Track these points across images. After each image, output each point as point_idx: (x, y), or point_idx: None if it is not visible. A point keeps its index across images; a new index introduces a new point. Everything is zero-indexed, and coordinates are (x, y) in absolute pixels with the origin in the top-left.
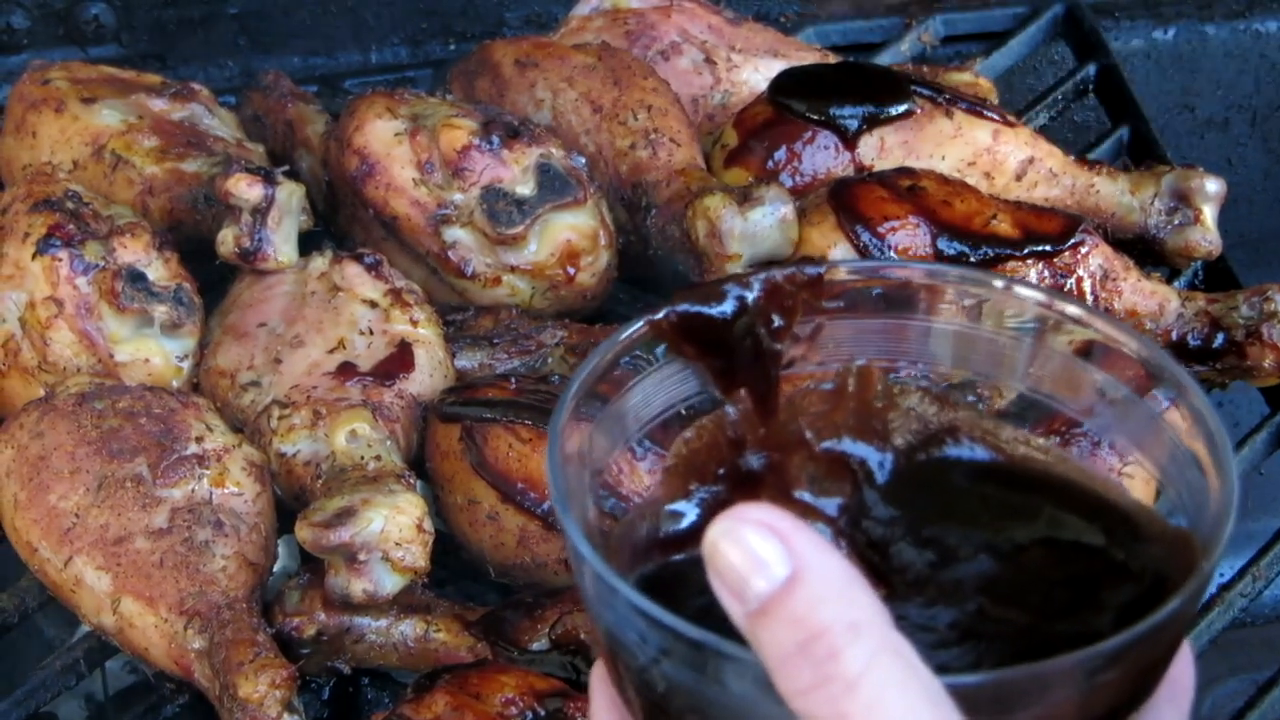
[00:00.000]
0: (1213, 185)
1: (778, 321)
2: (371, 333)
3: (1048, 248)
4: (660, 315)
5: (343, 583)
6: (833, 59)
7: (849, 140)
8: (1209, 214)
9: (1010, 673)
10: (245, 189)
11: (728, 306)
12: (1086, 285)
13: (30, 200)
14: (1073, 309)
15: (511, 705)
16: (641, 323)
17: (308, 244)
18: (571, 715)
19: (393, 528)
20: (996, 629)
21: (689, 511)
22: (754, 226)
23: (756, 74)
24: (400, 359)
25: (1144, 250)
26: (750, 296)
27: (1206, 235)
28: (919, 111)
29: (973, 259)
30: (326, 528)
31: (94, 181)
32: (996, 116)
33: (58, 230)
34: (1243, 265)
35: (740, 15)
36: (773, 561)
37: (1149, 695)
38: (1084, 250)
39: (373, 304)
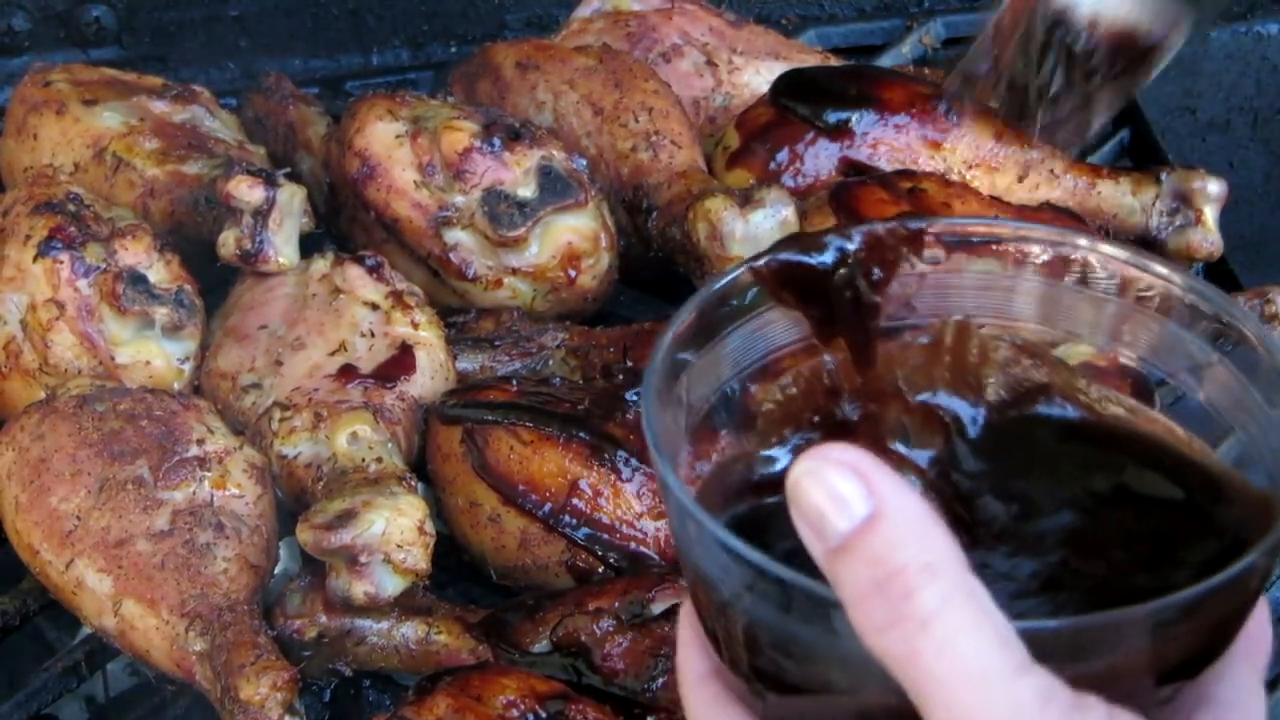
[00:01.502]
0: (1214, 187)
1: (877, 274)
2: (373, 335)
3: None
4: (761, 262)
5: (344, 585)
6: (834, 61)
7: (850, 142)
8: (1210, 215)
9: (1083, 620)
10: (246, 191)
11: (828, 257)
12: None
13: (32, 202)
14: (1159, 268)
15: (513, 707)
16: (742, 268)
17: (309, 246)
18: (573, 717)
19: (394, 530)
20: (1076, 581)
21: (782, 457)
22: (755, 228)
23: (758, 76)
24: (401, 361)
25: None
26: (851, 248)
27: (1208, 237)
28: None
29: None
30: (328, 530)
31: (95, 184)
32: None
33: (59, 232)
34: (1244, 267)
35: (741, 18)
36: (853, 500)
37: (1223, 650)
38: None
39: (374, 306)
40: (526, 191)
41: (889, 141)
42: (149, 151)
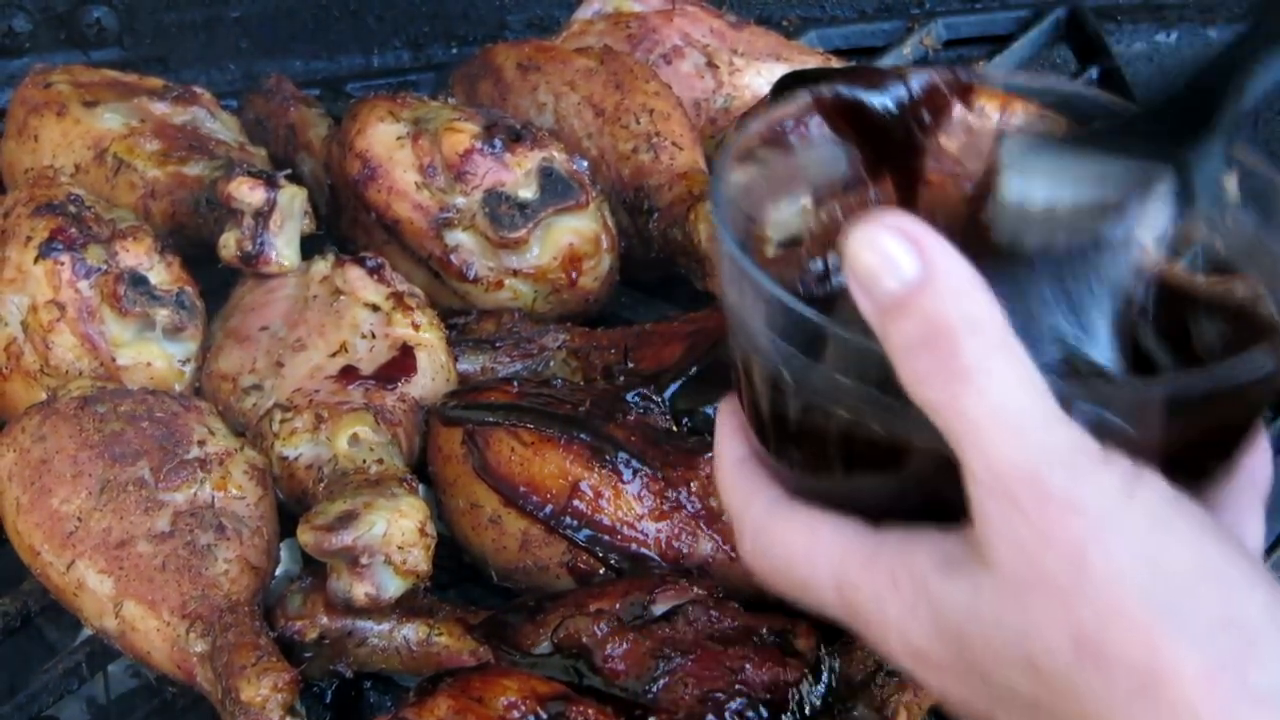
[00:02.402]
0: None
1: (929, 118)
2: (373, 336)
3: None
4: (823, 92)
5: (345, 586)
6: (835, 63)
7: None
8: None
9: (1107, 385)
10: (247, 192)
11: (887, 96)
12: None
13: (32, 204)
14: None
15: (514, 709)
16: (806, 95)
17: (310, 247)
18: (574, 719)
19: (395, 531)
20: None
21: (827, 274)
22: None
23: (759, 77)
24: (402, 362)
25: None
26: (909, 90)
27: None
28: None
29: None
30: (328, 531)
31: (96, 185)
32: None
33: (60, 234)
34: None
35: (742, 19)
36: (904, 262)
37: (1228, 456)
38: None
39: (375, 307)
40: (527, 193)
41: None
42: (150, 153)
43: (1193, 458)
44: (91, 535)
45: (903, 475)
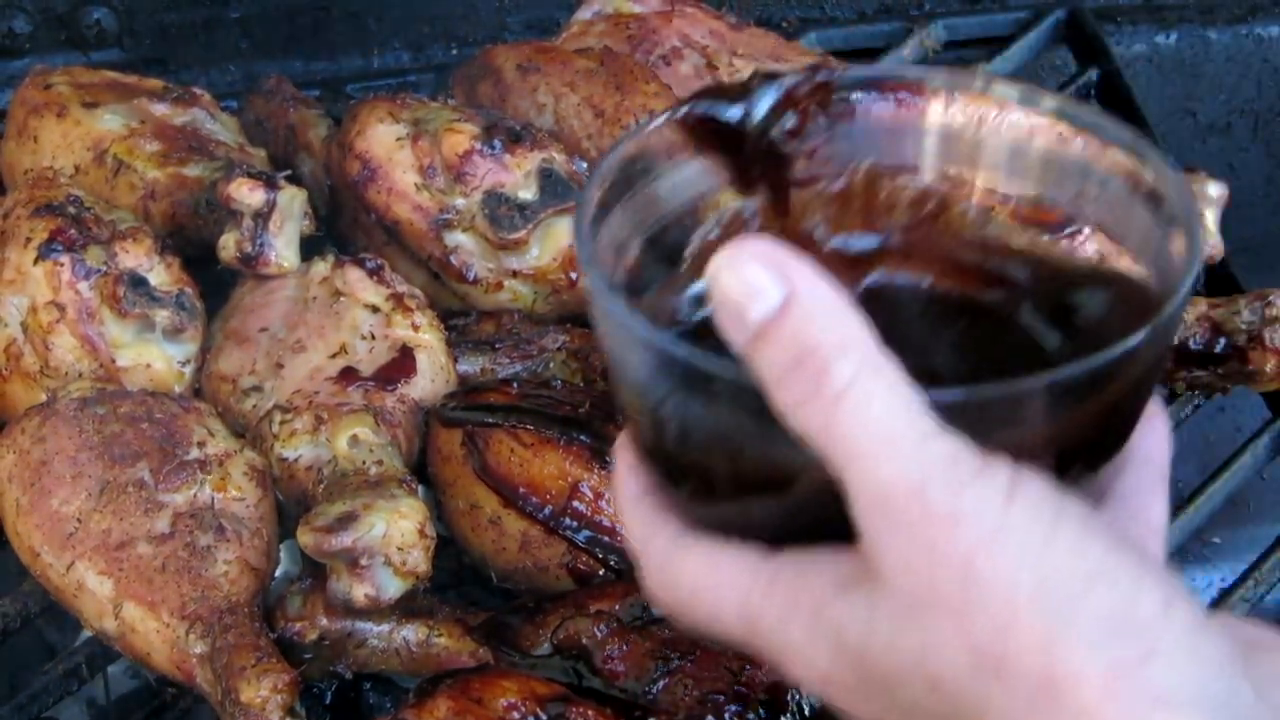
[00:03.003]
0: (1215, 189)
1: (791, 123)
2: (373, 337)
3: None
4: (681, 112)
5: (344, 587)
6: (833, 63)
7: None
8: (1211, 218)
9: (987, 388)
10: (247, 194)
11: (745, 108)
12: None
13: (32, 205)
14: (1048, 100)
15: (514, 710)
16: (664, 118)
17: (309, 249)
18: None
19: (395, 532)
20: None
21: (704, 295)
22: None
23: None
24: (402, 364)
25: None
26: (767, 98)
27: (1208, 239)
28: None
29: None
30: (328, 532)
31: (96, 186)
32: None
33: (60, 235)
34: (1244, 270)
35: (742, 20)
36: (768, 288)
37: (1120, 440)
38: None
39: (374, 309)
40: (527, 194)
41: None
42: (150, 154)
43: (1087, 445)
44: (91, 536)
45: (792, 500)
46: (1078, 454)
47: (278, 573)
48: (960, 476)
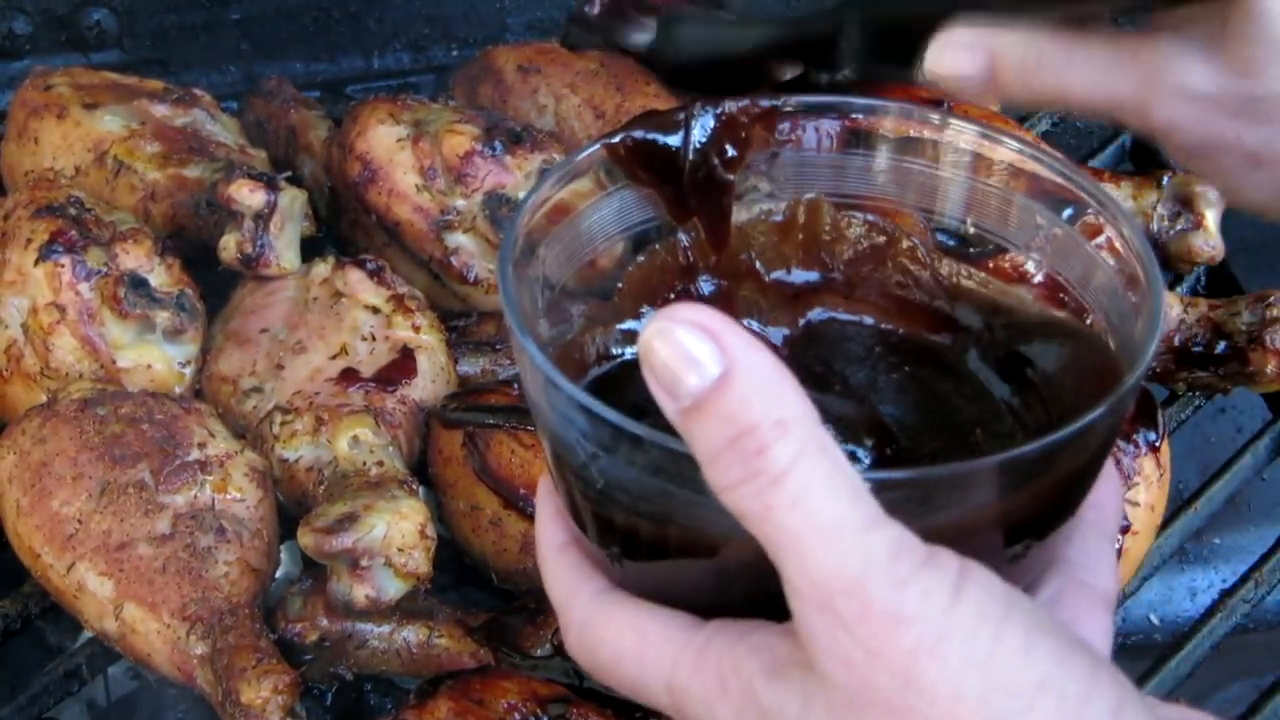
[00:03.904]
0: (1215, 191)
1: (731, 152)
2: (374, 338)
3: None
4: (616, 140)
5: (345, 588)
6: None
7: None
8: (1211, 219)
9: (933, 470)
10: (247, 195)
11: (682, 135)
12: None
13: (33, 206)
14: (1010, 141)
15: (514, 711)
16: (597, 145)
17: (310, 250)
18: None
19: (395, 533)
20: (925, 446)
21: (637, 330)
22: None
23: None
24: (402, 365)
25: None
26: (705, 126)
27: (1209, 241)
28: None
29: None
30: (329, 533)
31: (96, 187)
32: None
33: (60, 236)
34: (1245, 270)
35: None
36: (705, 359)
37: (1070, 511)
38: None
39: (375, 310)
40: None
41: None
42: (150, 155)
43: (1037, 519)
44: (92, 537)
45: (724, 571)
46: (1028, 528)
47: (278, 574)
48: (902, 572)
